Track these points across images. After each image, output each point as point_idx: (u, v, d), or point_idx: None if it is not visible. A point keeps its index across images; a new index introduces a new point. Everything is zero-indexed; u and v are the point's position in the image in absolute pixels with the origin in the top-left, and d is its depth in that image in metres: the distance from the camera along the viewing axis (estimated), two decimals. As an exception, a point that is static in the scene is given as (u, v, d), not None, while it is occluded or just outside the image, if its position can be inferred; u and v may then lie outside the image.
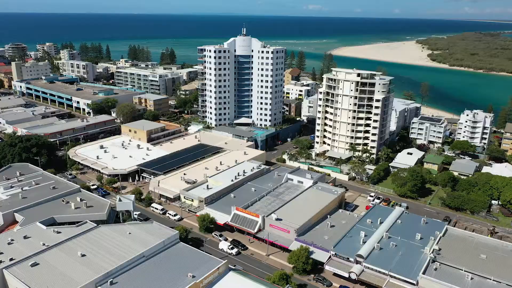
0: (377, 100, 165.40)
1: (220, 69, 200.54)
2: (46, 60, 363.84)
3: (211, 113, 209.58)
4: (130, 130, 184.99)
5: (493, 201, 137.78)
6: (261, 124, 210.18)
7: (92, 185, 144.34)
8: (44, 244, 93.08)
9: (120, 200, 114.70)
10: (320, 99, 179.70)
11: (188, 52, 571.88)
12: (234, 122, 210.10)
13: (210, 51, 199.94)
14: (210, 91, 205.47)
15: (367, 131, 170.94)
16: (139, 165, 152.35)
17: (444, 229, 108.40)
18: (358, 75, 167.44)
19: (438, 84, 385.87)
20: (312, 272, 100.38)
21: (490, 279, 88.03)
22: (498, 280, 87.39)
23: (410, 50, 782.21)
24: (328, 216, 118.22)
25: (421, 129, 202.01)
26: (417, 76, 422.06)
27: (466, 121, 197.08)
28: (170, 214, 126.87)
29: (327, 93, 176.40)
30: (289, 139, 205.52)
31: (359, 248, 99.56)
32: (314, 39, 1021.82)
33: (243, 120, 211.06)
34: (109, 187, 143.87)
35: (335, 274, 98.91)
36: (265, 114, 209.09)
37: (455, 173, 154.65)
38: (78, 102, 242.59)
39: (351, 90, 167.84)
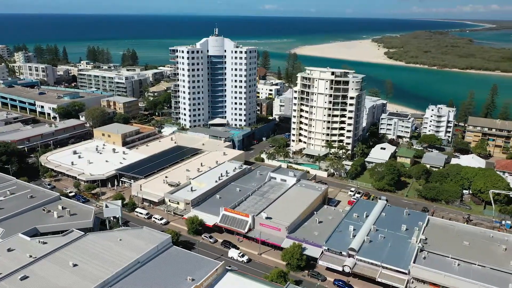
0: (351, 98, 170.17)
1: (193, 70, 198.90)
2: (3, 64, 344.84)
3: (185, 114, 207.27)
4: (103, 134, 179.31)
5: (464, 191, 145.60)
6: (236, 124, 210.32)
7: (70, 192, 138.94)
8: (31, 256, 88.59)
9: (106, 206, 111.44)
10: (295, 98, 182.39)
11: (149, 53, 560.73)
12: (209, 123, 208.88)
13: (183, 51, 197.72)
14: (184, 92, 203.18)
15: (342, 128, 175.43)
16: (118, 170, 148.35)
17: (427, 219, 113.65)
18: (332, 73, 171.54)
19: (398, 81, 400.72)
20: (305, 268, 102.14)
21: (475, 264, 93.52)
22: (483, 265, 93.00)
23: (367, 48, 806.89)
24: (315, 212, 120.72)
25: (390, 124, 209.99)
26: (378, 74, 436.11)
27: (432, 116, 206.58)
28: (156, 218, 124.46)
29: (302, 92, 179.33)
30: (264, 138, 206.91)
31: (350, 242, 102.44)
32: (274, 38, 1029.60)
33: (217, 120, 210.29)
34: (88, 194, 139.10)
35: (328, 269, 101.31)
36: (240, 114, 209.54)
37: (427, 166, 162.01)
38: (42, 107, 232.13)
39: (326, 89, 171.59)
